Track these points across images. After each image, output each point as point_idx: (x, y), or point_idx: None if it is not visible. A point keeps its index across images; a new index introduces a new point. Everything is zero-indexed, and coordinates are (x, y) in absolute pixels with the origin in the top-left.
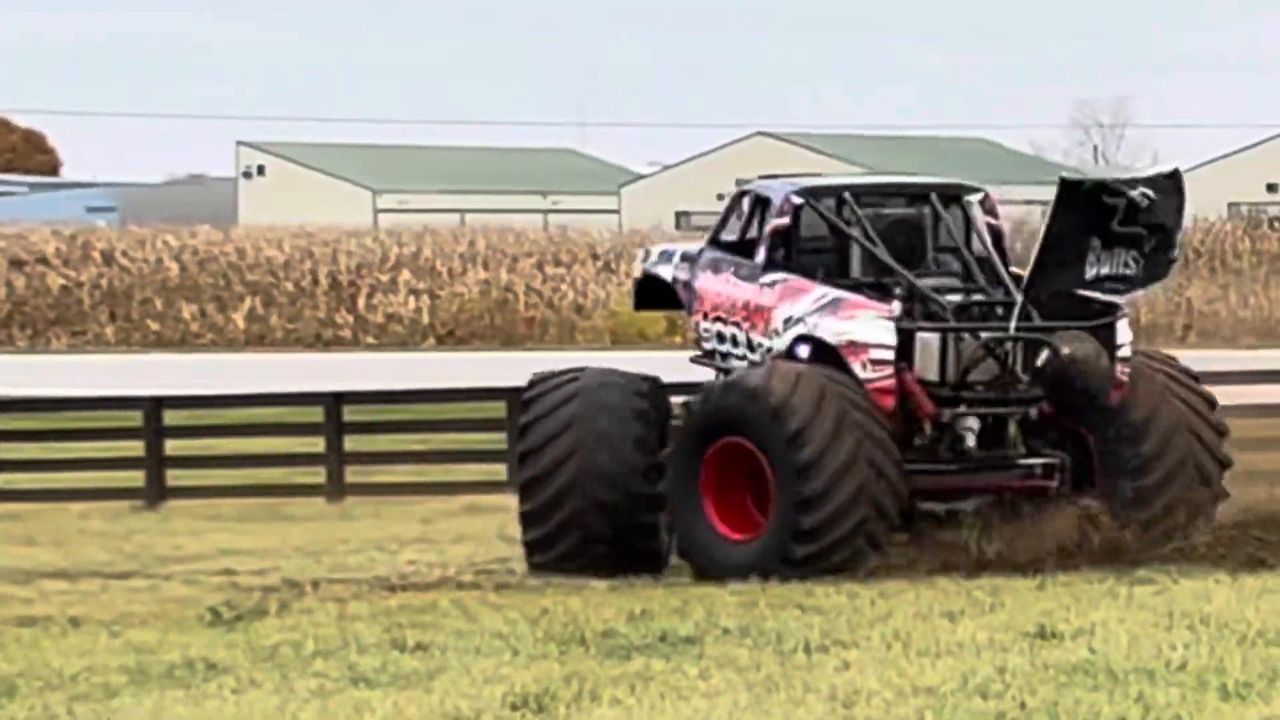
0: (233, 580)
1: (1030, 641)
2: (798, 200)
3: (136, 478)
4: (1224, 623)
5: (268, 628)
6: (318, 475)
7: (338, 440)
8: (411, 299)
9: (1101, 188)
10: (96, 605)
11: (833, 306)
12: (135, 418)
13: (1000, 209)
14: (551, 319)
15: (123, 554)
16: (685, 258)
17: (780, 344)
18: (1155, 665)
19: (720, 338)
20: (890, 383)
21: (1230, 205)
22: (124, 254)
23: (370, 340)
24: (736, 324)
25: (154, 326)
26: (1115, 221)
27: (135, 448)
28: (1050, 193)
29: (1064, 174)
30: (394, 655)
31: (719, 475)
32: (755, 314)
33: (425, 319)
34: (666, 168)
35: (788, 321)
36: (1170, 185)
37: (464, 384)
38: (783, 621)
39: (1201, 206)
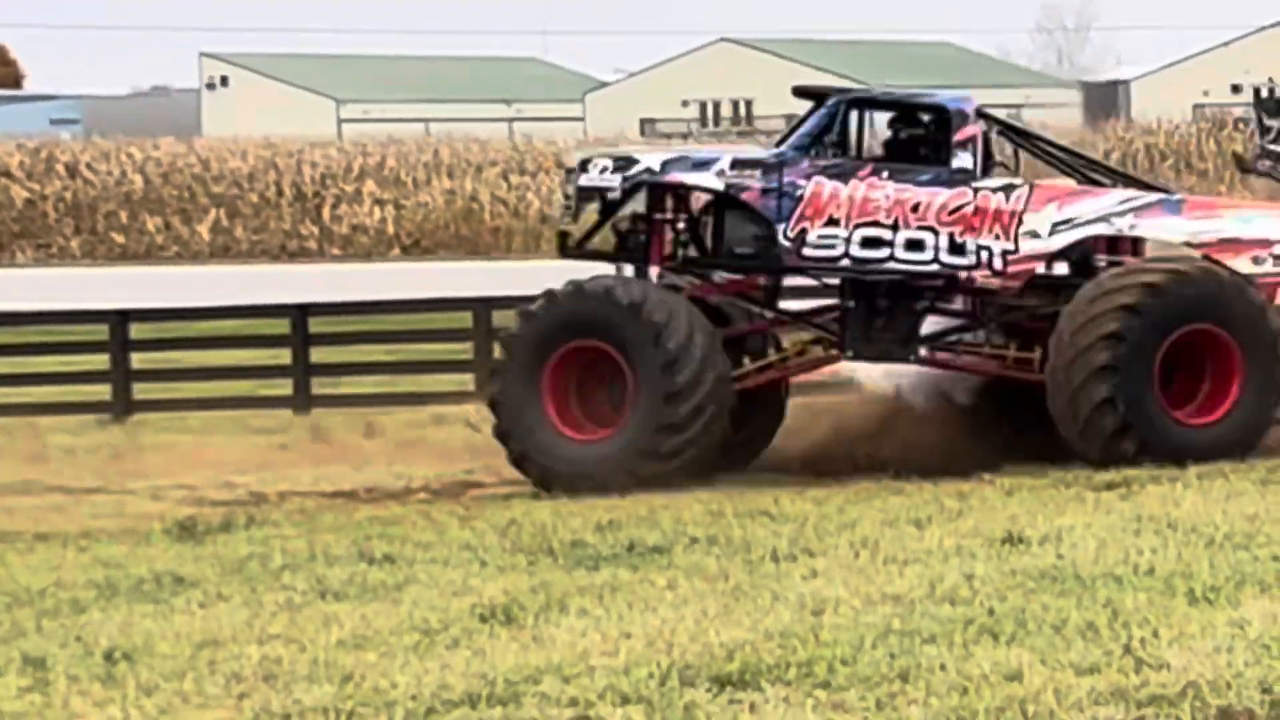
0: (199, 494)
1: (998, 547)
2: (975, 108)
3: (103, 391)
4: (1191, 527)
5: (235, 541)
6: (284, 387)
7: (304, 352)
8: (376, 209)
9: None
10: (63, 519)
11: (1165, 208)
12: (101, 331)
13: None
14: (517, 228)
15: (89, 468)
16: (748, 164)
17: (1042, 245)
18: (1123, 570)
19: (872, 243)
20: None
21: (1195, 107)
22: (88, 167)
23: (336, 251)
24: (929, 229)
25: (119, 239)
26: None
27: (101, 361)
28: (1017, 96)
29: None
30: (362, 567)
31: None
32: (977, 218)
33: (390, 229)
34: (631, 75)
35: (1059, 224)
36: None
37: (430, 294)
38: (750, 530)
39: (1166, 108)
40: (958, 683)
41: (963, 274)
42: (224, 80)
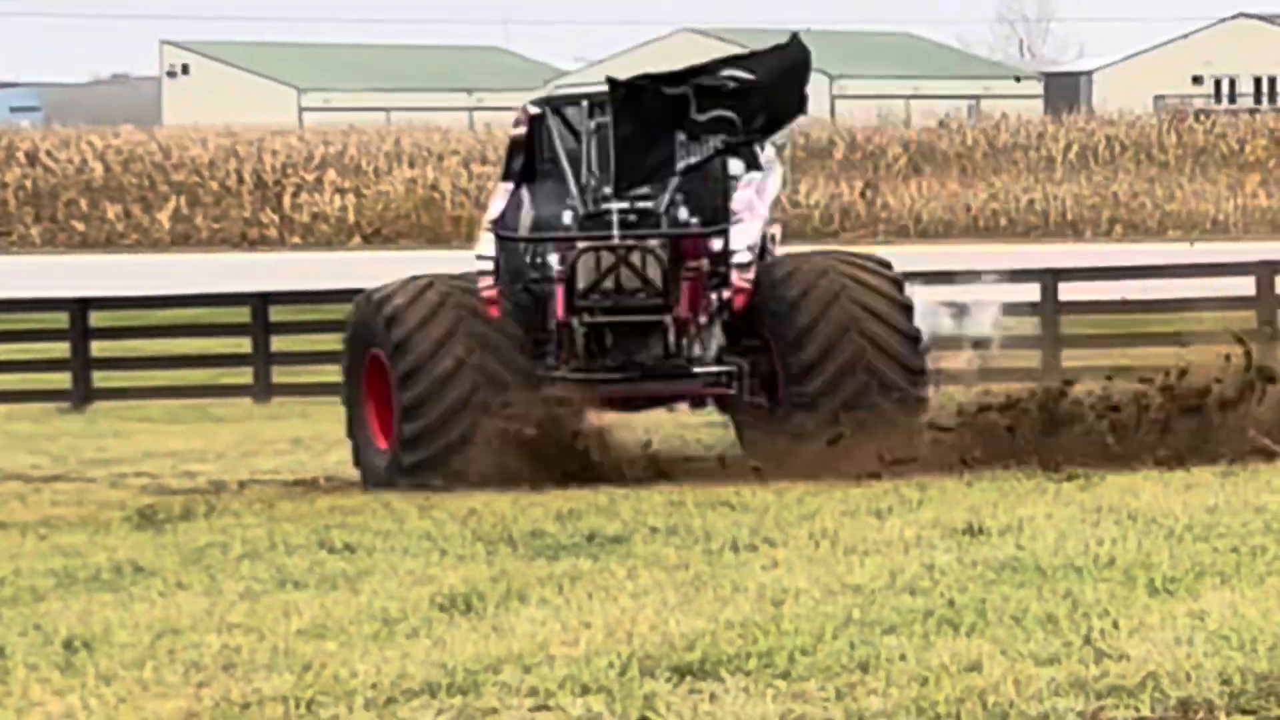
0: (160, 482)
1: (958, 538)
2: (534, 110)
3: (62, 379)
4: (1151, 518)
5: (195, 530)
6: (244, 376)
7: (264, 340)
8: (337, 198)
9: (655, 81)
10: (23, 508)
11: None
12: (61, 319)
13: (924, 104)
14: (478, 217)
15: (49, 456)
16: None
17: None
18: (1083, 561)
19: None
20: (493, 292)
21: (1156, 98)
22: (48, 154)
23: (296, 240)
24: None
25: (79, 227)
26: (693, 110)
27: (61, 349)
28: (977, 87)
29: (609, 75)
30: (321, 556)
31: (377, 384)
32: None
33: (351, 217)
34: (592, 64)
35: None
36: (780, 56)
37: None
38: (710, 520)
39: (1127, 100)
40: (918, 673)
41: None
42: (185, 68)
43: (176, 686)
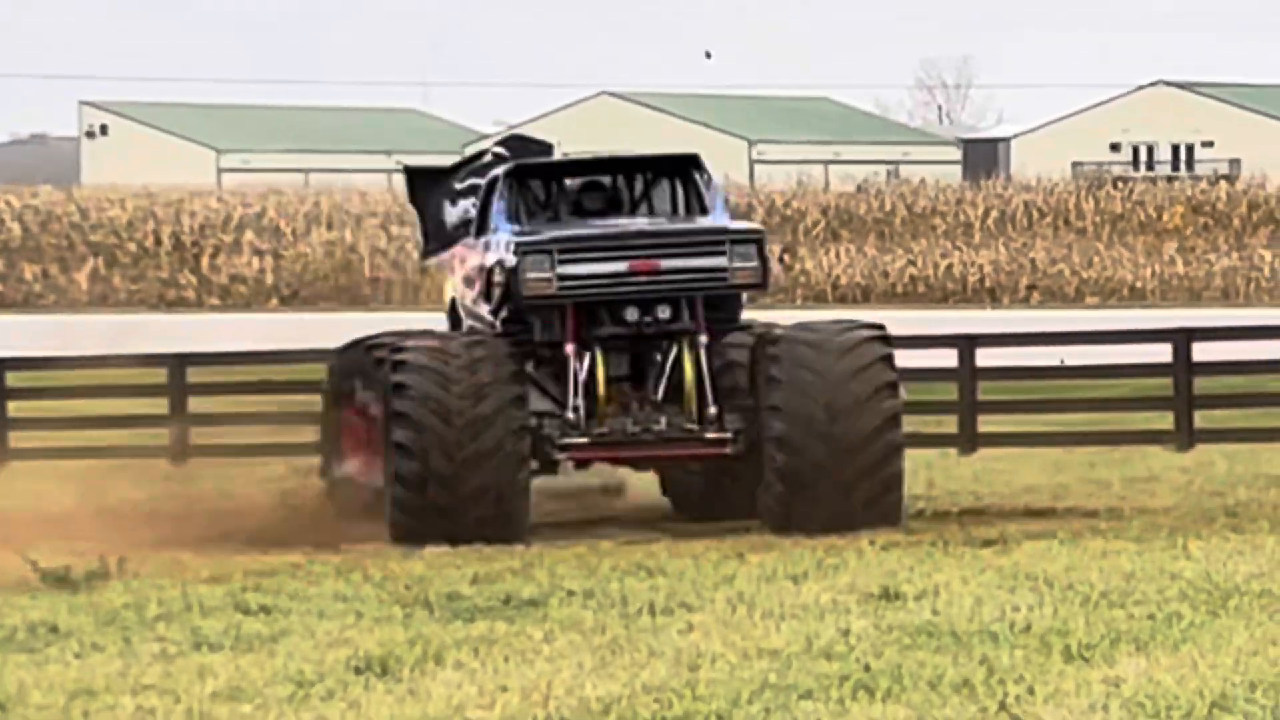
0: (74, 545)
1: (874, 603)
2: None
3: None
4: (1068, 584)
5: (110, 591)
6: (162, 437)
7: (182, 401)
8: (255, 259)
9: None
10: None
11: None
12: None
13: (843, 169)
14: (396, 280)
15: None
16: None
17: None
18: (999, 627)
19: None
20: None
21: (1074, 165)
22: None
23: (214, 301)
24: None
25: None
26: None
27: None
28: (896, 152)
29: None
30: (237, 618)
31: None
32: None
33: (269, 279)
34: (511, 127)
35: None
36: None
37: (310, 345)
38: (627, 584)
39: (1046, 166)
40: None
41: None
42: (103, 129)
43: None
